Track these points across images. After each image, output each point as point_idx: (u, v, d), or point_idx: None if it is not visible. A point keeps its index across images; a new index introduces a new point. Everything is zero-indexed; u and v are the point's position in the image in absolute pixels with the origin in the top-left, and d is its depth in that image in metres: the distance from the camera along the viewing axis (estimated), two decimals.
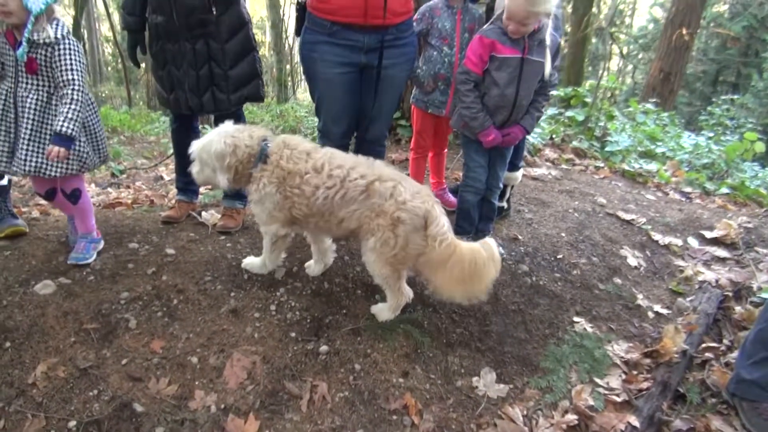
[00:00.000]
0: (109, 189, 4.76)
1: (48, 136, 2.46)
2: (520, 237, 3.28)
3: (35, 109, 2.45)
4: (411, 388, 2.30)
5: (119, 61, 18.94)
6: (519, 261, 3.08)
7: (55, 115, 2.44)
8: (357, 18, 2.63)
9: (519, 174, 3.49)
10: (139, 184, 4.95)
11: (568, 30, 10.93)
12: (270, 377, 2.24)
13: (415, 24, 3.03)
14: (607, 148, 5.42)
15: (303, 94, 25.80)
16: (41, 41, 2.38)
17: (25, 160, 2.45)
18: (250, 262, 2.78)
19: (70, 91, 2.41)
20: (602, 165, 5.11)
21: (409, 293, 2.58)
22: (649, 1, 22.78)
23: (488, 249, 2.25)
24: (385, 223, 2.31)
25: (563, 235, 3.39)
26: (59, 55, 2.40)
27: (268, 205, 2.47)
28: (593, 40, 14.94)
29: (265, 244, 2.65)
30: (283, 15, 20.98)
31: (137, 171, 5.85)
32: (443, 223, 2.31)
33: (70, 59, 2.42)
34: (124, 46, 17.90)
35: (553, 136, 5.73)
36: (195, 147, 2.50)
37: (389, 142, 4.68)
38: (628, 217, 3.77)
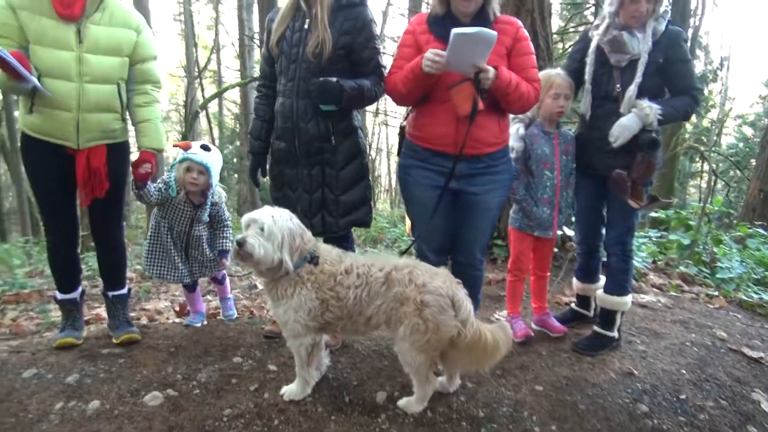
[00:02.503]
0: (209, 296, 4.92)
1: (207, 254, 3.42)
2: (635, 372, 3.03)
3: (205, 239, 3.40)
4: None
5: None
6: (637, 399, 2.81)
7: (212, 242, 3.48)
8: (447, 147, 2.75)
9: (629, 299, 3.31)
10: (236, 292, 5.09)
11: None
12: None
13: (515, 153, 3.10)
14: (718, 275, 5.07)
15: (383, 204, 26.64)
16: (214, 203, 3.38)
17: (196, 272, 3.46)
18: (289, 390, 2.61)
19: (225, 228, 3.48)
20: (716, 293, 4.74)
21: (435, 382, 2.57)
22: (737, 118, 22.38)
23: (506, 331, 2.47)
24: (410, 309, 2.33)
25: (684, 372, 3.10)
26: (217, 211, 3.43)
27: (303, 314, 2.42)
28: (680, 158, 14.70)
29: (301, 358, 2.55)
30: (370, 133, 22.28)
31: (232, 279, 6.05)
32: (469, 307, 2.42)
33: (225, 212, 3.46)
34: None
35: (656, 259, 5.47)
36: (262, 217, 2.39)
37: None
38: (755, 354, 3.41)
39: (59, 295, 3.09)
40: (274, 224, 2.38)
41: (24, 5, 2.63)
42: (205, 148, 3.20)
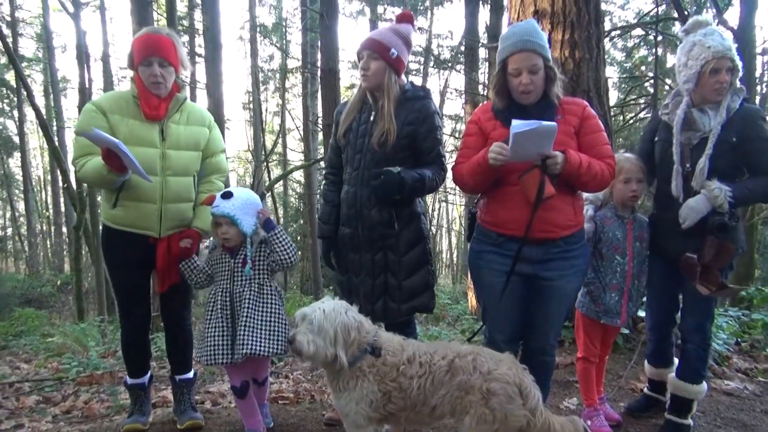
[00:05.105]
0: (270, 378, 4.93)
1: (260, 323, 2.80)
2: None
3: (250, 300, 2.83)
4: None
5: None
6: None
7: (265, 304, 2.87)
8: (519, 231, 2.67)
9: (705, 387, 3.12)
10: (298, 374, 5.08)
11: None
12: None
13: (585, 235, 3.03)
14: None
15: (444, 280, 26.37)
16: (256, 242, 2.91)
17: (243, 344, 2.73)
18: None
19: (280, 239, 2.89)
20: None
21: None
22: None
23: (577, 425, 2.33)
24: (476, 398, 2.24)
25: None
26: (274, 241, 2.87)
27: (365, 406, 2.35)
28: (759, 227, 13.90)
29: None
30: (430, 209, 22.52)
31: (294, 360, 6.05)
32: (538, 395, 2.32)
33: (282, 237, 2.89)
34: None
35: (739, 340, 5.08)
36: (313, 313, 2.37)
37: None
38: None
39: (129, 380, 3.19)
40: (324, 319, 2.35)
41: (114, 110, 2.92)
42: (226, 195, 2.85)
